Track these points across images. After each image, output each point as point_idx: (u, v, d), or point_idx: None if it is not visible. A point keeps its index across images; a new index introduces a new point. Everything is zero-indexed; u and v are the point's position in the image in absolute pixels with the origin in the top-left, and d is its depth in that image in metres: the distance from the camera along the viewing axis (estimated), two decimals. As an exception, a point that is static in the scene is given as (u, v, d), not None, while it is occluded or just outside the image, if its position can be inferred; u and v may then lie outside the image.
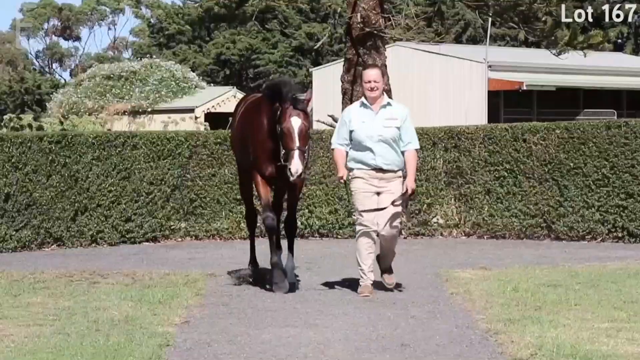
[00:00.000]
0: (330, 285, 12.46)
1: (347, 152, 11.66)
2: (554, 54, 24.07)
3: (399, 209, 11.52)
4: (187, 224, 18.72)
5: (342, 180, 11.61)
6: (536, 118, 32.39)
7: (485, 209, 18.04)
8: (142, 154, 18.44)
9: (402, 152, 11.55)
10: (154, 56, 57.09)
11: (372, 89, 11.68)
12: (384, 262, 11.83)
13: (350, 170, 11.60)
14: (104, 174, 18.10)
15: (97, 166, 18.05)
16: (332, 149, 11.98)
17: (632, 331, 9.08)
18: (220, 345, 9.06)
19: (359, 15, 23.32)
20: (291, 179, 11.54)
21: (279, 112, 11.74)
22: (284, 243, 12.84)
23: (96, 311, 10.74)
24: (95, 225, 18.02)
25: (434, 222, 18.70)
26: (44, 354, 8.57)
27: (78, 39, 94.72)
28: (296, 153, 11.47)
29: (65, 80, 77.97)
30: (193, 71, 53.39)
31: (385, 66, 23.95)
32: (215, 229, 18.64)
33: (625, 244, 16.78)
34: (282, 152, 11.68)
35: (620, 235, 17.03)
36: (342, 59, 23.93)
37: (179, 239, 18.63)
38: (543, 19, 26.84)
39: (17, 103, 61.80)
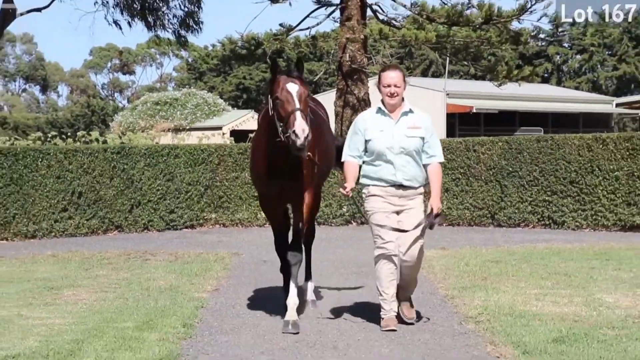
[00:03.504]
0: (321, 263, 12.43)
1: (360, 166, 7.90)
2: (495, 85, 24.11)
3: (419, 235, 7.85)
4: (217, 214, 18.77)
5: (347, 193, 7.58)
6: (483, 134, 32.41)
7: (444, 203, 18.04)
8: (182, 161, 18.49)
9: (425, 166, 7.85)
10: (191, 87, 57.03)
11: (391, 95, 7.74)
12: (404, 292, 8.02)
13: (364, 187, 7.91)
14: (153, 176, 18.14)
15: (148, 171, 18.09)
16: (343, 162, 7.97)
17: (555, 296, 9.11)
18: (242, 307, 9.10)
19: (347, 55, 23.35)
20: (298, 142, 7.39)
21: (272, 88, 7.88)
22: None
23: (148, 281, 10.78)
24: (146, 215, 18.07)
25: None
26: (108, 313, 8.60)
27: (133, 73, 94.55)
28: (298, 113, 7.52)
29: (123, 105, 77.80)
30: (220, 97, 53.37)
31: (368, 95, 24.02)
32: (238, 218, 18.68)
33: (550, 229, 16.81)
34: (281, 126, 7.66)
35: (547, 223, 17.06)
36: (335, 89, 23.94)
37: (210, 226, 18.68)
38: (487, 58, 26.88)
39: (87, 122, 61.69)
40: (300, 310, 8.26)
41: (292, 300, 8.12)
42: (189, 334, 7.74)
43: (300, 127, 7.42)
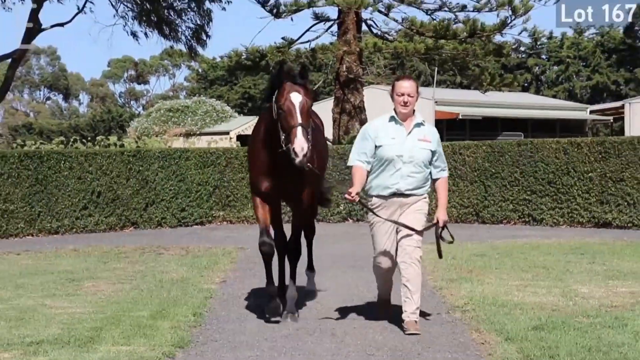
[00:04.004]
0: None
1: (367, 171, 7.30)
2: (481, 92, 24.14)
3: (420, 238, 7.30)
4: (224, 212, 18.76)
5: (351, 199, 7.10)
6: (468, 138, 32.40)
7: (433, 202, 18.00)
8: (192, 163, 18.48)
9: (433, 180, 7.42)
10: (201, 95, 56.98)
11: (405, 104, 7.21)
12: (412, 296, 7.20)
13: (369, 197, 7.39)
14: (166, 177, 18.13)
15: (161, 172, 18.08)
16: (350, 166, 7.41)
17: (535, 287, 9.11)
18: (247, 298, 9.11)
19: (344, 66, 23.39)
20: (297, 160, 6.99)
21: (276, 93, 7.37)
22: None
23: (161, 273, 10.78)
24: (160, 213, 18.05)
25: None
26: (124, 303, 8.60)
27: (147, 83, 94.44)
28: (299, 129, 7.05)
29: (139, 112, 77.72)
30: (227, 105, 53.32)
31: (363, 103, 24.03)
32: (244, 216, 18.65)
33: (530, 226, 16.80)
34: (282, 136, 7.22)
35: (527, 220, 17.05)
36: (333, 97, 23.96)
37: (219, 223, 18.67)
38: (472, 68, 26.89)
39: (106, 127, 61.62)
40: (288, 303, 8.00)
41: (292, 292, 8.07)
42: (199, 322, 7.73)
43: (300, 146, 6.97)
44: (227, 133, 43.34)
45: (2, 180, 16.25)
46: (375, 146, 7.25)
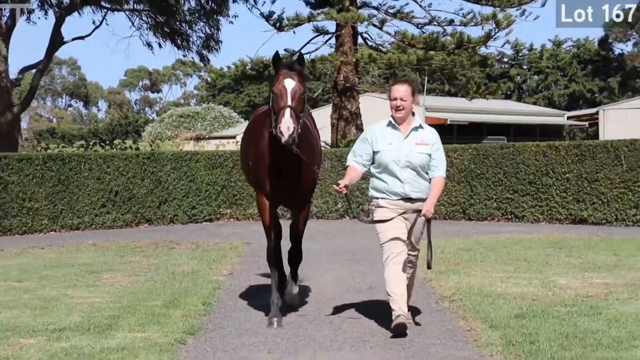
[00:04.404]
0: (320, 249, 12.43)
1: (362, 172, 6.79)
2: (467, 100, 24.14)
3: (418, 235, 6.87)
4: (231, 210, 18.73)
5: (340, 189, 6.54)
6: (456, 142, 32.41)
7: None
8: (202, 165, 18.46)
9: (430, 179, 6.71)
10: (210, 102, 57.00)
11: (397, 108, 6.59)
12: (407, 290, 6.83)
13: (373, 199, 6.79)
14: (177, 178, 18.11)
15: (174, 173, 18.06)
16: (347, 166, 6.86)
17: (517, 278, 9.10)
18: (252, 288, 9.11)
19: (341, 75, 23.40)
20: (282, 139, 6.44)
21: (273, 79, 6.87)
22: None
23: (173, 266, 10.78)
24: (172, 211, 18.03)
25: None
26: (140, 293, 8.61)
27: (160, 91, 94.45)
28: (287, 110, 6.52)
29: (152, 117, 77.70)
30: (234, 111, 53.33)
31: (359, 109, 24.04)
32: (250, 213, 18.62)
33: (512, 222, 16.77)
34: (273, 119, 6.70)
35: (509, 217, 17.02)
36: (331, 104, 23.96)
37: (226, 220, 18.64)
38: (460, 78, 26.90)
39: (123, 132, 61.59)
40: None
41: (293, 289, 7.88)
42: (208, 311, 7.73)
43: (286, 125, 6.43)
44: (234, 137, 43.28)
45: (27, 180, 16.24)
46: (374, 151, 6.67)
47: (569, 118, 43.64)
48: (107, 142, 31.54)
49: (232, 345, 6.44)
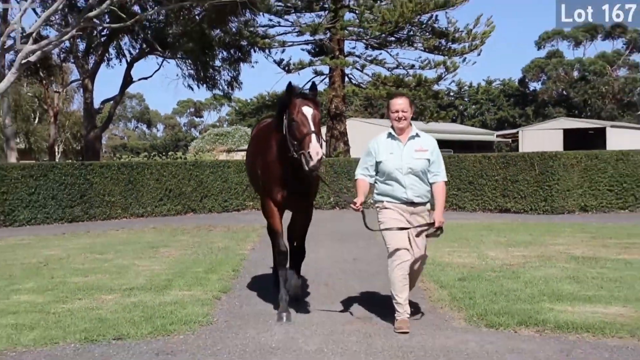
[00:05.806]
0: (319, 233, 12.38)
1: (370, 184, 5.42)
2: (424, 123, 24.18)
3: (424, 241, 5.43)
4: (253, 202, 18.64)
5: (357, 208, 5.16)
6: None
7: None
8: (232, 170, 18.43)
9: (431, 184, 5.35)
10: (237, 124, 56.95)
11: (399, 119, 5.37)
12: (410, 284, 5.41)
13: (377, 202, 5.39)
14: (214, 179, 18.08)
15: (211, 176, 18.03)
16: (356, 180, 5.47)
17: (460, 252, 9.08)
18: (270, 259, 8.93)
19: (333, 105, 23.37)
20: (311, 163, 5.06)
21: (288, 109, 5.37)
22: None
23: (211, 243, 10.74)
24: (210, 203, 17.99)
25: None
26: (187, 263, 8.57)
27: (202, 116, 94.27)
28: (313, 136, 5.17)
29: (196, 135, 77.66)
30: (256, 131, 53.22)
31: (346, 130, 24.02)
32: (267, 205, 18.57)
33: (457, 212, 16.62)
34: (294, 144, 5.27)
35: (454, 207, 16.89)
36: (325, 126, 23.95)
37: (249, 210, 18.55)
38: (419, 106, 26.86)
39: (174, 146, 61.50)
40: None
41: (297, 281, 6.19)
42: (237, 275, 7.72)
43: (315, 150, 5.08)
44: (255, 150, 43.31)
45: (106, 181, 16.24)
46: (377, 162, 5.36)
47: (497, 136, 43.64)
48: (164, 153, 31.48)
49: (253, 301, 6.43)
